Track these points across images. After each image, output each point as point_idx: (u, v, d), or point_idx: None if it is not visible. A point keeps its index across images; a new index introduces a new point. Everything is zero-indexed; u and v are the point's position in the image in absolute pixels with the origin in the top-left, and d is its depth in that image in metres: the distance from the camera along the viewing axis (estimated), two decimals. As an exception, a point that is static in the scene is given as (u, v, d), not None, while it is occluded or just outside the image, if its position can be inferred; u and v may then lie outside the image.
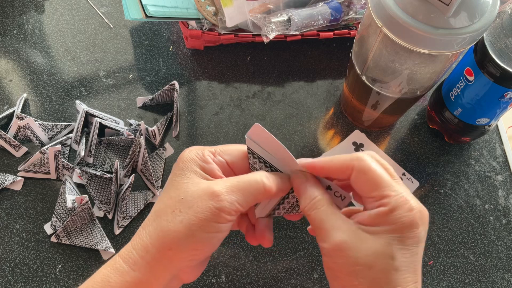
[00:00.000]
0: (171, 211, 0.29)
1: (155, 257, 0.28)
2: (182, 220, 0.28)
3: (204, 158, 0.31)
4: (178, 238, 0.28)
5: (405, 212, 0.27)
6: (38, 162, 0.51)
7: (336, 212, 0.29)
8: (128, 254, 0.29)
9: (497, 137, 0.58)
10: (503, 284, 0.49)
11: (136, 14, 0.55)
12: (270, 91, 0.59)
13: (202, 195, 0.28)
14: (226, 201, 0.28)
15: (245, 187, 0.29)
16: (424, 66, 0.41)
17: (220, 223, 0.28)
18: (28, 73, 0.59)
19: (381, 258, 0.27)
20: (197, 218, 0.28)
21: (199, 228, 0.28)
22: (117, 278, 0.28)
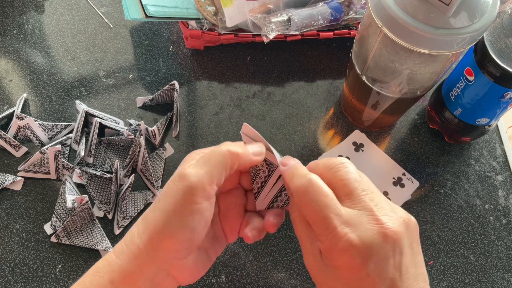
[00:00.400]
0: (154, 202, 0.29)
1: (140, 247, 0.28)
2: (160, 207, 0.28)
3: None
4: (157, 226, 0.28)
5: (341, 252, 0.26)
6: (38, 162, 0.51)
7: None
8: (118, 245, 0.29)
9: (497, 137, 0.58)
10: (503, 284, 0.49)
11: (136, 14, 0.55)
12: (270, 91, 0.59)
13: (173, 179, 0.28)
14: (194, 177, 0.27)
15: (211, 157, 0.29)
16: (424, 66, 0.41)
17: (196, 203, 0.27)
18: (28, 73, 0.59)
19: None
20: (170, 203, 0.27)
21: (174, 213, 0.27)
22: (105, 267, 0.29)
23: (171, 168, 0.53)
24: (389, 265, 0.25)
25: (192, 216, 0.27)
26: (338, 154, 0.55)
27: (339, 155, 0.55)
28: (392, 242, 0.26)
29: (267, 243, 0.50)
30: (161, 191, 0.30)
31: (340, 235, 0.26)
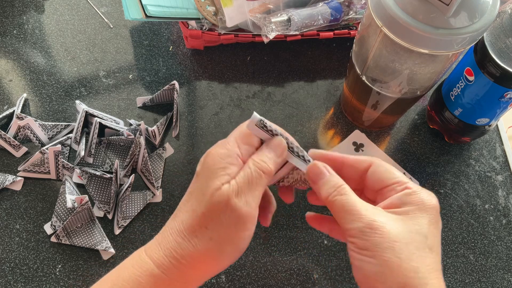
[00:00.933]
0: (199, 227, 0.29)
1: (189, 267, 0.29)
2: (212, 237, 0.29)
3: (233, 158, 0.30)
4: (211, 255, 0.29)
5: (428, 195, 0.29)
6: (38, 162, 0.51)
7: (357, 197, 0.30)
8: (160, 259, 0.29)
9: (497, 137, 0.58)
10: (503, 284, 0.49)
11: (136, 14, 0.55)
12: (270, 91, 0.59)
13: (222, 210, 0.29)
14: (244, 208, 0.29)
15: (251, 183, 0.30)
16: (424, 66, 0.41)
17: (248, 229, 0.29)
18: (28, 73, 0.59)
19: (417, 235, 0.27)
20: (225, 234, 0.29)
21: (230, 243, 0.29)
22: (148, 280, 0.29)
23: (171, 168, 0.54)
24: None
25: (244, 241, 0.30)
26: (338, 154, 0.55)
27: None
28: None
29: (267, 243, 0.50)
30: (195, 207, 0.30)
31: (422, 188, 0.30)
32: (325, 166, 0.31)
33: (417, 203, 0.29)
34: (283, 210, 0.51)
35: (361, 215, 0.28)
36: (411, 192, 0.29)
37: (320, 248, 0.50)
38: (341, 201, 0.29)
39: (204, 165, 0.31)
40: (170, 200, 0.51)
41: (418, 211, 0.28)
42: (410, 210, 0.28)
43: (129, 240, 0.49)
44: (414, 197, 0.29)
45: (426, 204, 0.29)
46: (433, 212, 0.29)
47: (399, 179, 0.30)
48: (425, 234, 0.28)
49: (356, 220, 0.28)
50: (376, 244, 0.27)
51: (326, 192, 0.30)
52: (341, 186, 0.30)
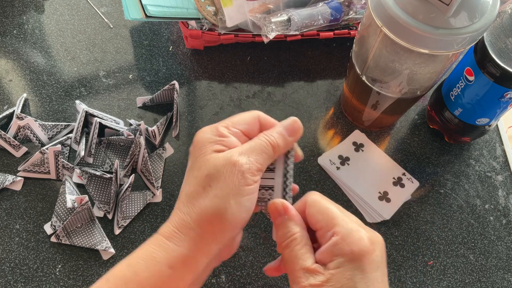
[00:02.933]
0: (203, 188, 0.30)
1: (199, 234, 0.29)
2: (216, 193, 0.29)
3: (220, 133, 0.31)
4: (218, 211, 0.29)
5: (357, 239, 0.28)
6: (38, 162, 0.51)
7: (308, 251, 0.30)
8: (171, 232, 0.30)
9: (497, 137, 0.58)
10: (503, 284, 0.49)
11: (136, 14, 0.55)
12: (270, 91, 0.59)
13: (225, 165, 0.29)
14: (246, 164, 0.30)
15: (256, 147, 0.31)
16: (424, 66, 0.41)
17: (249, 185, 0.30)
18: (28, 73, 0.59)
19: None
20: (228, 187, 0.29)
21: (234, 196, 0.29)
22: (162, 254, 0.29)
23: (171, 168, 0.53)
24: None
25: (248, 197, 0.30)
26: (338, 154, 0.55)
27: (339, 155, 0.55)
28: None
29: (267, 243, 0.50)
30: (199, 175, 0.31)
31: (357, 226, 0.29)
32: (284, 207, 0.32)
33: (345, 253, 0.28)
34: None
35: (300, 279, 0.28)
36: (337, 240, 0.28)
37: (320, 248, 0.50)
38: (287, 255, 0.30)
39: (198, 139, 0.32)
40: (170, 200, 0.51)
41: (347, 263, 0.28)
42: (340, 263, 0.28)
43: (129, 240, 0.49)
44: (342, 247, 0.28)
45: (355, 252, 0.28)
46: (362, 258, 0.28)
47: (325, 223, 0.30)
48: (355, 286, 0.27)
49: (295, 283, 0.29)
50: None
51: (278, 237, 0.31)
52: (291, 237, 0.30)
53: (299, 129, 0.33)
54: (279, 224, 0.31)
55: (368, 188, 0.53)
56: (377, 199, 0.52)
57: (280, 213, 0.31)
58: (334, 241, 0.28)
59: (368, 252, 0.28)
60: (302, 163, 0.54)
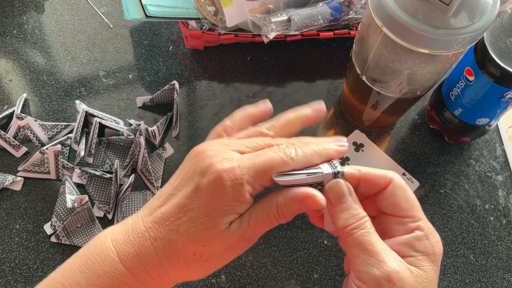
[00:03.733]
0: (192, 254, 0.28)
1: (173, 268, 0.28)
2: (209, 268, 0.29)
3: (244, 199, 0.27)
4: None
5: (437, 240, 0.26)
6: (38, 162, 0.51)
7: (379, 238, 0.27)
8: (135, 268, 0.27)
9: (497, 137, 0.58)
10: (503, 284, 0.49)
11: (136, 14, 0.55)
12: (270, 91, 0.59)
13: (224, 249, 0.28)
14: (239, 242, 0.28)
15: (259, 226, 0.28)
16: (424, 66, 0.41)
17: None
18: (28, 73, 0.59)
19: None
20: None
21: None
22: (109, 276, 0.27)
23: (171, 168, 0.53)
24: None
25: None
26: (338, 154, 0.55)
27: (339, 155, 0.55)
28: None
29: (267, 243, 0.50)
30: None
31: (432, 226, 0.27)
32: (349, 188, 0.28)
33: (428, 252, 0.26)
34: (283, 210, 0.51)
35: (380, 262, 0.25)
36: (422, 236, 0.26)
37: (320, 248, 0.49)
38: (361, 237, 0.26)
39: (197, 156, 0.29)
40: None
41: (429, 263, 0.26)
42: (421, 260, 0.26)
43: (129, 240, 0.49)
44: (425, 244, 0.26)
45: (436, 253, 0.26)
46: (439, 261, 0.26)
47: (413, 214, 0.27)
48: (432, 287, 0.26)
49: (374, 266, 0.25)
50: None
51: (344, 221, 0.27)
52: (363, 219, 0.27)
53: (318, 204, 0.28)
54: (343, 208, 0.27)
55: (368, 188, 0.52)
56: (377, 199, 0.52)
57: (344, 193, 0.27)
58: (418, 235, 0.26)
59: (441, 254, 0.27)
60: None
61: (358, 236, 0.26)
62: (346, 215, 0.27)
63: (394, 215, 0.27)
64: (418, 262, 0.26)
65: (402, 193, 0.27)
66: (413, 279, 0.25)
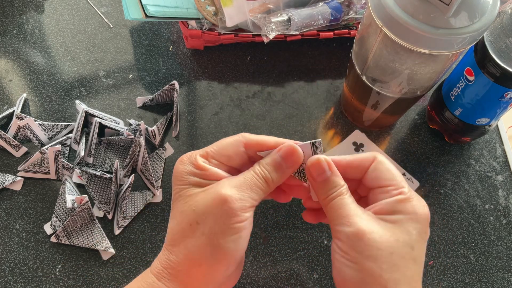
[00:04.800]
0: (189, 226, 0.28)
1: (188, 275, 0.28)
2: (203, 231, 0.28)
3: (200, 166, 0.30)
4: (205, 253, 0.28)
5: (420, 203, 0.28)
6: (38, 162, 0.51)
7: (355, 202, 0.29)
8: (159, 272, 0.29)
9: (497, 137, 0.58)
10: (503, 284, 0.49)
11: (136, 14, 0.55)
12: (270, 91, 0.59)
13: (214, 201, 0.28)
14: (239, 201, 0.28)
15: (249, 182, 0.29)
16: (424, 66, 0.41)
17: (240, 222, 0.28)
18: (28, 73, 0.59)
19: (403, 245, 0.27)
20: (217, 226, 0.28)
21: (223, 235, 0.28)
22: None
23: (171, 168, 0.53)
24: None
25: (239, 234, 0.28)
26: (338, 154, 0.55)
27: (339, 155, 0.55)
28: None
29: (267, 243, 0.50)
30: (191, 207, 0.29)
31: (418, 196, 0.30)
32: (328, 164, 0.31)
33: (409, 212, 0.28)
34: (283, 210, 0.51)
35: (351, 220, 0.28)
36: (404, 199, 0.28)
37: (320, 248, 0.49)
38: (336, 203, 0.29)
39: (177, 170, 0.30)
40: (170, 200, 0.51)
41: (409, 221, 0.28)
42: (401, 219, 0.28)
43: (129, 240, 0.49)
44: (406, 206, 0.28)
45: (418, 214, 0.28)
46: (424, 222, 0.28)
47: (395, 182, 0.29)
48: (412, 245, 0.27)
49: (345, 224, 0.28)
50: (360, 251, 0.27)
51: (324, 193, 0.30)
52: (341, 188, 0.30)
53: (298, 158, 0.31)
54: (323, 181, 0.30)
55: (368, 188, 0.53)
56: (377, 199, 0.52)
57: (324, 169, 0.30)
58: (399, 198, 0.28)
59: (427, 220, 0.28)
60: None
61: (334, 202, 0.29)
62: (326, 188, 0.30)
63: (378, 187, 0.30)
64: (398, 220, 0.28)
65: (384, 166, 0.30)
66: (388, 235, 0.27)
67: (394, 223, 0.28)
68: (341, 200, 0.29)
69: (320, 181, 0.30)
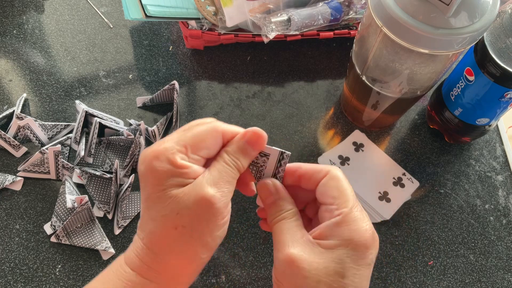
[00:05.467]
0: (174, 229, 0.27)
1: (177, 273, 0.29)
2: (192, 235, 0.27)
3: (180, 165, 0.27)
4: (195, 254, 0.28)
5: (362, 229, 0.27)
6: (38, 162, 0.51)
7: (299, 226, 0.29)
8: (138, 267, 0.28)
9: (497, 137, 0.58)
10: (503, 284, 0.49)
11: (136, 14, 0.55)
12: (270, 91, 0.59)
13: (198, 202, 0.27)
14: (220, 200, 0.28)
15: (225, 175, 0.29)
16: (424, 66, 0.41)
17: (224, 218, 0.28)
18: (28, 73, 0.59)
19: (331, 274, 0.26)
20: (204, 225, 0.27)
21: (210, 233, 0.28)
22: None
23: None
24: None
25: (223, 229, 0.29)
26: (338, 154, 0.55)
27: (339, 155, 0.55)
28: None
29: (267, 243, 0.50)
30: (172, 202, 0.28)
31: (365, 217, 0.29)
32: (276, 187, 0.30)
33: (343, 237, 0.27)
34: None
35: (285, 246, 0.27)
36: (340, 221, 0.27)
37: (320, 248, 0.49)
38: (278, 226, 0.29)
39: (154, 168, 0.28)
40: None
41: (342, 247, 0.26)
42: (334, 244, 0.27)
43: (129, 240, 0.49)
44: (343, 230, 0.27)
45: (354, 240, 0.27)
46: (361, 249, 0.27)
47: (339, 201, 0.28)
48: (343, 273, 0.26)
49: (280, 250, 0.28)
50: (288, 279, 0.27)
51: (270, 215, 0.30)
52: (285, 212, 0.30)
53: (262, 140, 0.30)
54: (271, 204, 0.30)
55: (368, 188, 0.53)
56: (377, 199, 0.52)
57: (271, 192, 0.30)
58: (336, 221, 0.27)
59: (367, 246, 0.27)
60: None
61: (277, 226, 0.29)
62: (272, 210, 0.30)
63: (323, 203, 0.29)
64: (331, 246, 0.27)
65: (334, 183, 0.29)
66: (318, 262, 0.26)
67: (327, 248, 0.27)
68: (283, 224, 0.29)
69: (267, 204, 0.31)
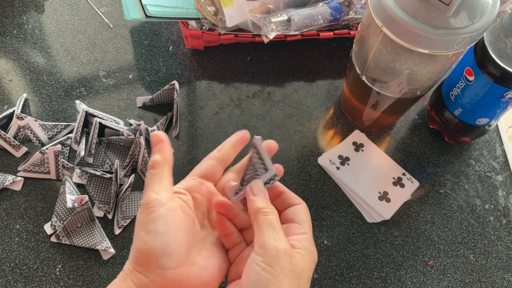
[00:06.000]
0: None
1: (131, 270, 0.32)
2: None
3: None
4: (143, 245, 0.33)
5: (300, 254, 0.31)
6: (38, 162, 0.51)
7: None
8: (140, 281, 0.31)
9: (497, 137, 0.58)
10: (503, 284, 0.49)
11: (136, 14, 0.55)
12: (270, 91, 0.59)
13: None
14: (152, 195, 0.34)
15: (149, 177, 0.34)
16: (424, 66, 0.41)
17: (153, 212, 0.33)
18: (28, 73, 0.59)
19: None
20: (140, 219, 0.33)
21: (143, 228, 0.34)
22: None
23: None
24: None
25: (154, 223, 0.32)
26: (338, 154, 0.55)
27: (339, 155, 0.55)
28: None
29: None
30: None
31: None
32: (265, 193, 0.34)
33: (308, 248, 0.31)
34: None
35: (283, 239, 0.31)
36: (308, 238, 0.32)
37: (320, 248, 0.49)
38: (271, 219, 0.32)
39: None
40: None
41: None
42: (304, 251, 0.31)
43: (129, 240, 0.49)
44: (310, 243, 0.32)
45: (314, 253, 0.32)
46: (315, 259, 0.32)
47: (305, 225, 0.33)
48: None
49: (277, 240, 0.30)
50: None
51: (262, 204, 0.32)
52: (274, 209, 0.33)
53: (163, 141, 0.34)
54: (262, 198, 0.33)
55: (368, 188, 0.53)
56: (377, 199, 0.52)
57: (266, 191, 0.33)
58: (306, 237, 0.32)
59: (316, 260, 0.32)
60: (302, 163, 0.54)
61: (268, 217, 0.32)
62: (263, 202, 0.33)
63: (294, 222, 0.34)
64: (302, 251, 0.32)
65: (305, 212, 0.34)
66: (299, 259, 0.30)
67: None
68: (275, 219, 0.32)
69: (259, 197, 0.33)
